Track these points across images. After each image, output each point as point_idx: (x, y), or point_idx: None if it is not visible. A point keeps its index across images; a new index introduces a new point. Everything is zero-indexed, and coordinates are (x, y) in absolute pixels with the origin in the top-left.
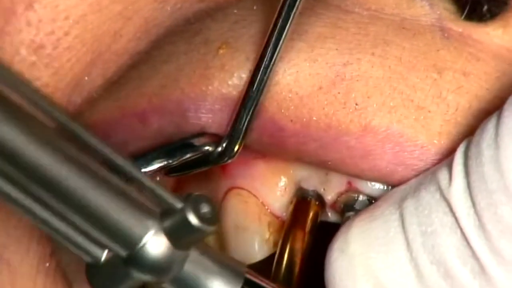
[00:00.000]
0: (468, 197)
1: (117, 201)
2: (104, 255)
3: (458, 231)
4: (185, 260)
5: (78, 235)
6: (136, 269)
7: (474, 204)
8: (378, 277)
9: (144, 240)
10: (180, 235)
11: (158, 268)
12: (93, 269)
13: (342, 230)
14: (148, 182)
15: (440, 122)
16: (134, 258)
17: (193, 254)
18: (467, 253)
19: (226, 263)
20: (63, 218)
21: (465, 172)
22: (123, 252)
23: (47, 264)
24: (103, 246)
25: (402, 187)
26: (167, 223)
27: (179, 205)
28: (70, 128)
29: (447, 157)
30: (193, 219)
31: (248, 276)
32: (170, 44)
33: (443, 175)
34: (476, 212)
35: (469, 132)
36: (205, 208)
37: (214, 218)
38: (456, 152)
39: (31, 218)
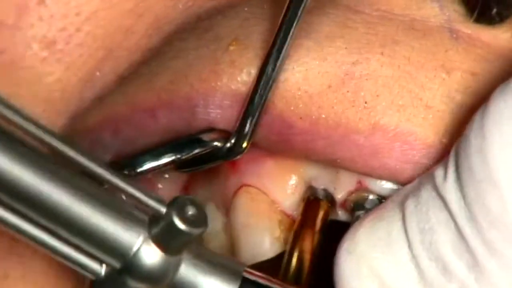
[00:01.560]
0: (458, 189)
1: (102, 212)
2: (103, 269)
3: (452, 225)
4: (179, 264)
5: (75, 252)
6: (131, 279)
7: (464, 196)
8: (382, 277)
9: (133, 250)
10: (168, 241)
11: (152, 276)
12: (96, 285)
13: (350, 231)
14: (130, 188)
15: (449, 121)
16: (128, 268)
17: (187, 257)
18: (461, 247)
19: (222, 263)
20: (56, 236)
21: (456, 165)
22: (117, 264)
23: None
24: (99, 261)
25: (407, 186)
26: (155, 229)
27: (163, 209)
28: (45, 139)
29: None
30: (178, 223)
31: (246, 275)
32: (180, 40)
33: (438, 171)
34: (466, 204)
35: None
36: (191, 211)
37: (201, 220)
38: (452, 149)
39: (26, 239)
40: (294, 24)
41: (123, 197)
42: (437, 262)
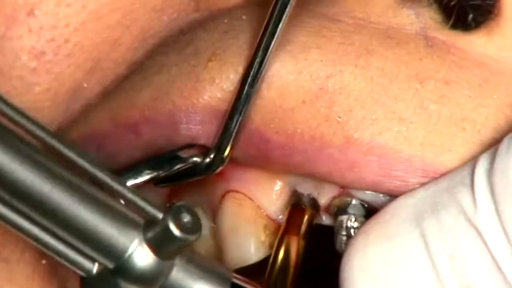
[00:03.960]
0: (498, 224)
1: (100, 214)
2: (95, 267)
3: (489, 256)
4: (171, 269)
5: (68, 250)
6: (123, 280)
7: (505, 232)
8: None
9: (128, 252)
10: (163, 246)
11: (144, 278)
12: (86, 282)
13: (359, 247)
14: (129, 194)
15: (423, 133)
16: (121, 269)
17: (179, 262)
18: (498, 277)
19: (212, 269)
20: (51, 233)
21: (492, 199)
22: (110, 264)
23: (44, 262)
24: (92, 259)
25: (411, 200)
26: (150, 234)
27: (160, 215)
28: (50, 142)
29: (431, 167)
30: (174, 229)
31: (235, 281)
32: (162, 54)
33: (465, 198)
34: (509, 240)
35: (452, 142)
36: (186, 218)
37: (196, 227)
38: (475, 174)
39: (20, 234)
40: (273, 43)
41: (121, 201)
42: None
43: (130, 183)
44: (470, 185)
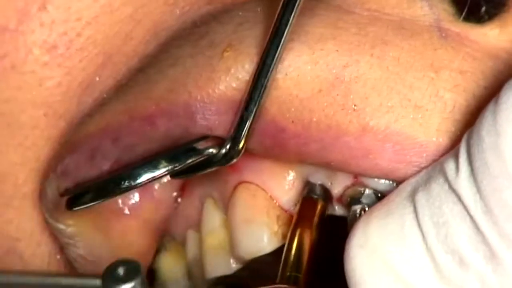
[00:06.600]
0: (473, 183)
1: None
2: None
3: (468, 218)
4: None
5: None
6: None
7: (479, 190)
8: (398, 271)
9: None
10: None
11: None
12: None
13: (360, 225)
14: (67, 280)
15: (438, 120)
16: None
17: None
18: (478, 239)
19: None
20: None
21: (469, 160)
22: None
23: (58, 257)
24: None
25: (413, 179)
26: None
27: (98, 282)
28: None
29: (446, 153)
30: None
31: None
32: (177, 47)
33: (449, 165)
34: (482, 198)
35: (468, 129)
36: (121, 271)
37: (133, 273)
38: (461, 142)
39: None
40: (286, 32)
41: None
42: (453, 254)
43: (147, 177)
44: (456, 153)
